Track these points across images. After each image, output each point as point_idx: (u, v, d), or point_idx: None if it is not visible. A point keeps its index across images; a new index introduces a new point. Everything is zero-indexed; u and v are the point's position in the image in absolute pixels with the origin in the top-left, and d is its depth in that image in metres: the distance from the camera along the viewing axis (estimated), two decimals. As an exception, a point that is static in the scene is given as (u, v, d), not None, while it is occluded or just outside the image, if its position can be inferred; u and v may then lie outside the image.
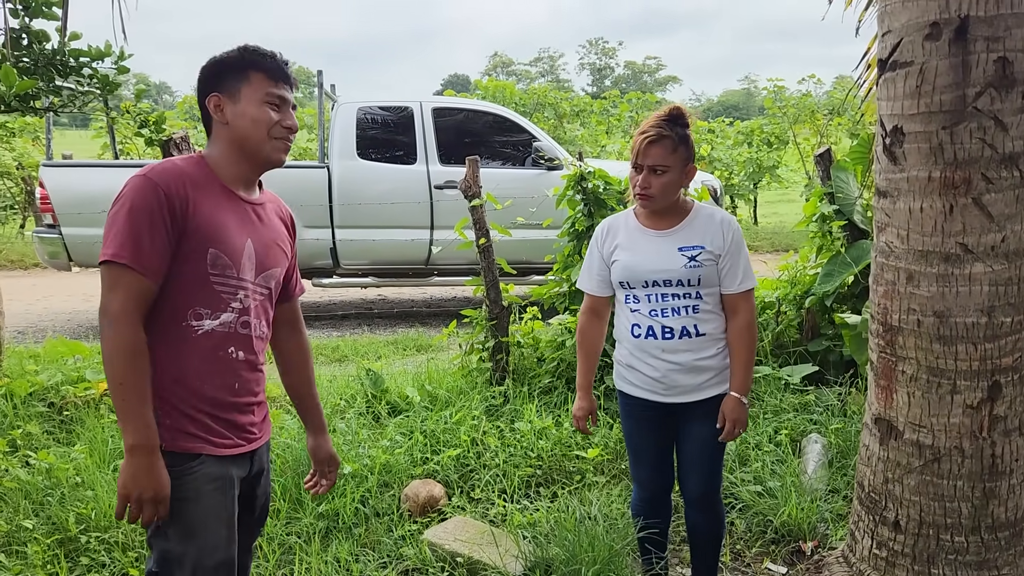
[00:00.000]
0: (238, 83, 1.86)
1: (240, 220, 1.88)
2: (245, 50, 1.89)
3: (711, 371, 2.48)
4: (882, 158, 2.03)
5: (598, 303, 2.66)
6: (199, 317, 1.81)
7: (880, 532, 2.06)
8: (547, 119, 16.05)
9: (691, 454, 2.59)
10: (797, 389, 4.54)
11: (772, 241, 13.52)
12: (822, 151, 5.11)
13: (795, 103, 14.80)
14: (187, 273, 1.78)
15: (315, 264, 7.66)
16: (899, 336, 2.01)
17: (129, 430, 1.69)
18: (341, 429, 4.09)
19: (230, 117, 1.85)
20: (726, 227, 2.45)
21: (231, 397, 1.88)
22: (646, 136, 2.36)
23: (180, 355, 1.81)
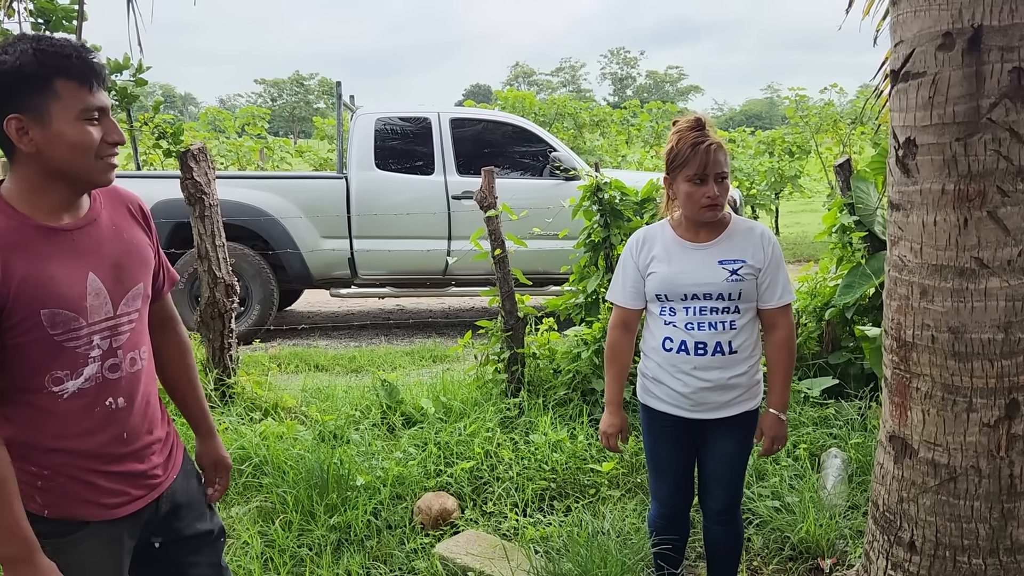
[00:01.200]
0: (44, 99, 1.49)
1: (71, 258, 1.59)
2: (43, 53, 1.49)
3: (740, 388, 2.44)
4: (895, 170, 2.00)
5: (629, 316, 2.59)
6: (59, 382, 1.58)
7: (895, 553, 2.02)
8: (567, 129, 16.05)
9: (715, 470, 2.56)
10: (816, 402, 4.48)
11: (793, 251, 13.40)
12: (842, 161, 5.06)
13: (817, 112, 14.69)
14: (27, 343, 1.53)
15: (333, 274, 7.70)
16: (913, 352, 1.97)
17: (3, 546, 1.49)
18: (355, 440, 4.09)
19: (41, 143, 1.51)
20: (766, 241, 2.42)
21: (122, 448, 1.69)
22: (708, 145, 2.32)
23: (53, 423, 1.59)
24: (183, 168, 4.58)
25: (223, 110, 21.12)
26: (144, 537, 1.79)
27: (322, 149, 18.46)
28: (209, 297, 4.69)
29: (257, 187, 7.63)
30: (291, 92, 73.26)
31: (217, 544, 1.97)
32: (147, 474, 1.74)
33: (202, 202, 4.62)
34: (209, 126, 18.72)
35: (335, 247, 7.56)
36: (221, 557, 2.00)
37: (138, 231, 1.77)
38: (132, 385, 1.70)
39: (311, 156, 17.62)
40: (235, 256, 6.95)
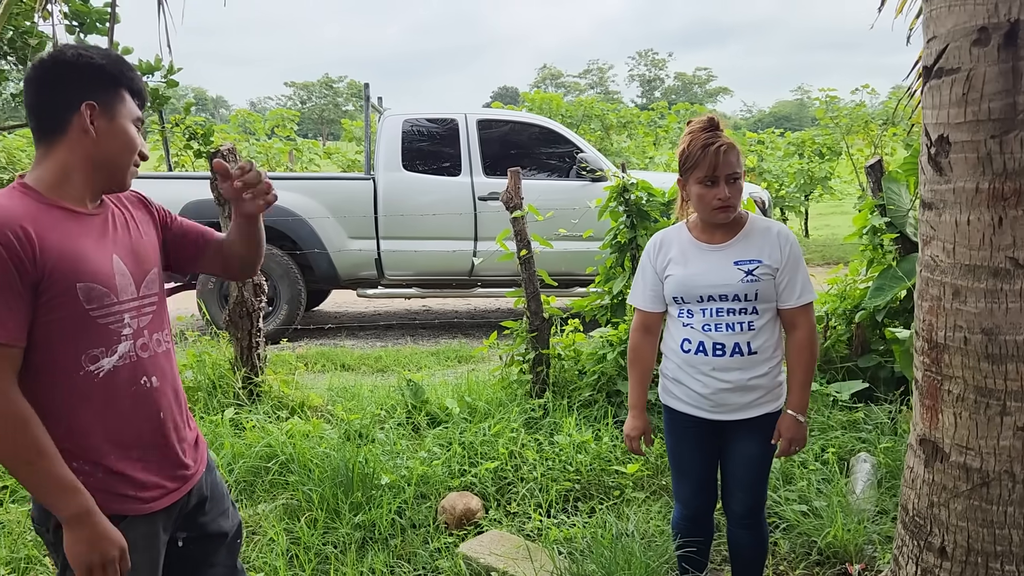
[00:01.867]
0: (114, 99, 1.66)
1: (97, 238, 1.67)
2: (121, 63, 1.69)
3: (762, 390, 2.42)
4: (927, 169, 1.96)
5: (650, 319, 2.59)
6: (95, 360, 1.63)
7: (925, 558, 1.98)
8: (594, 131, 16.01)
9: (737, 472, 2.54)
10: (845, 406, 4.42)
11: (823, 254, 13.26)
12: (873, 162, 4.99)
13: (848, 113, 14.52)
14: (63, 319, 1.58)
15: (360, 275, 7.74)
16: (945, 354, 1.93)
17: (58, 502, 1.55)
18: (380, 439, 4.10)
19: (102, 133, 1.64)
20: (783, 240, 2.39)
21: (160, 428, 1.75)
22: (718, 146, 2.30)
23: (91, 407, 1.64)
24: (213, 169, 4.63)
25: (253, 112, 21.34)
26: (172, 533, 1.82)
27: (350, 151, 18.57)
28: (237, 296, 4.73)
29: (285, 188, 7.69)
30: (320, 95, 73.85)
31: (234, 545, 2.00)
32: (181, 464, 1.79)
33: (231, 202, 4.66)
34: (240, 128, 18.91)
35: (362, 247, 7.61)
36: (237, 559, 2.02)
37: (142, 215, 1.85)
38: (162, 364, 1.77)
39: (339, 158, 17.74)
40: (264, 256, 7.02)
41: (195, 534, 1.88)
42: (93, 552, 1.57)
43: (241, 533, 2.03)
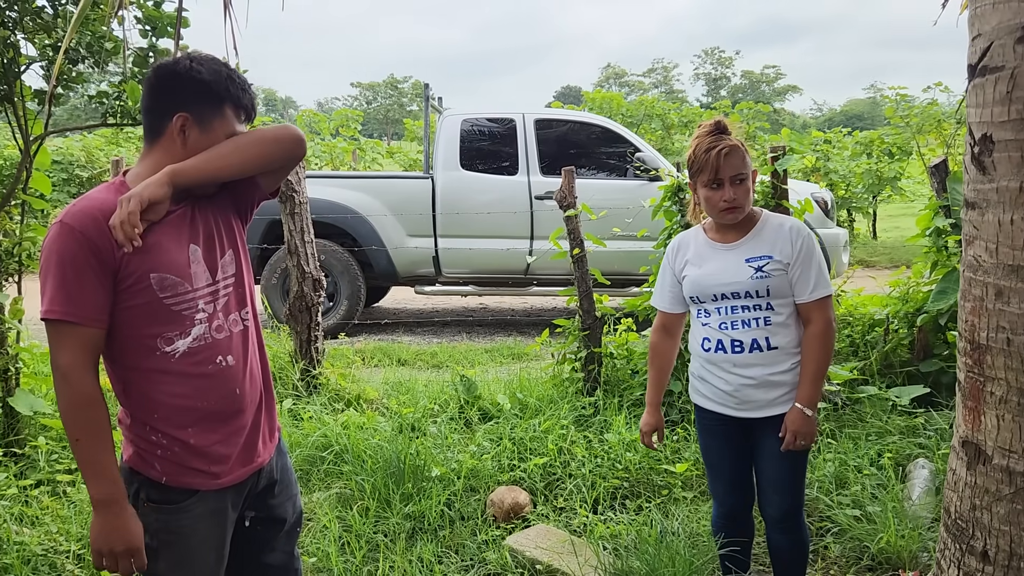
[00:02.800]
0: (211, 112, 1.75)
1: (175, 230, 1.76)
2: (230, 81, 1.76)
3: (786, 386, 2.42)
4: (970, 168, 1.93)
5: (670, 320, 2.66)
6: (170, 342, 1.73)
7: (967, 562, 1.94)
8: (654, 130, 15.90)
9: (768, 473, 2.53)
10: (904, 411, 4.32)
11: (891, 256, 12.91)
12: (937, 162, 4.87)
13: (919, 112, 14.09)
14: (140, 305, 1.69)
15: (418, 272, 7.87)
16: (987, 355, 1.90)
17: (92, 485, 1.66)
18: (432, 433, 4.18)
19: (192, 143, 1.74)
20: (795, 234, 2.40)
21: (235, 405, 1.82)
22: (719, 149, 2.34)
23: (168, 385, 1.73)
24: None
25: (319, 113, 21.80)
26: (240, 512, 1.90)
27: (412, 150, 18.84)
28: (297, 291, 4.88)
29: (347, 186, 7.88)
30: (385, 95, 74.94)
31: (294, 532, 2.08)
32: (253, 443, 1.87)
33: (292, 200, 4.81)
34: (305, 128, 19.36)
35: (420, 245, 7.74)
36: (295, 546, 2.10)
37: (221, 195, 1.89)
38: (239, 344, 1.84)
39: (401, 157, 18.01)
40: (324, 253, 7.21)
41: (262, 515, 1.96)
42: (105, 540, 1.67)
43: (301, 521, 2.10)
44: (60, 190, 13.88)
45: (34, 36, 3.62)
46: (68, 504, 3.35)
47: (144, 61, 4.01)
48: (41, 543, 2.96)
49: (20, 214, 3.83)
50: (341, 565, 3.08)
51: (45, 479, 3.59)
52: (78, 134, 15.30)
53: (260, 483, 1.92)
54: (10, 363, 3.76)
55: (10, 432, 3.79)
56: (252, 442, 1.87)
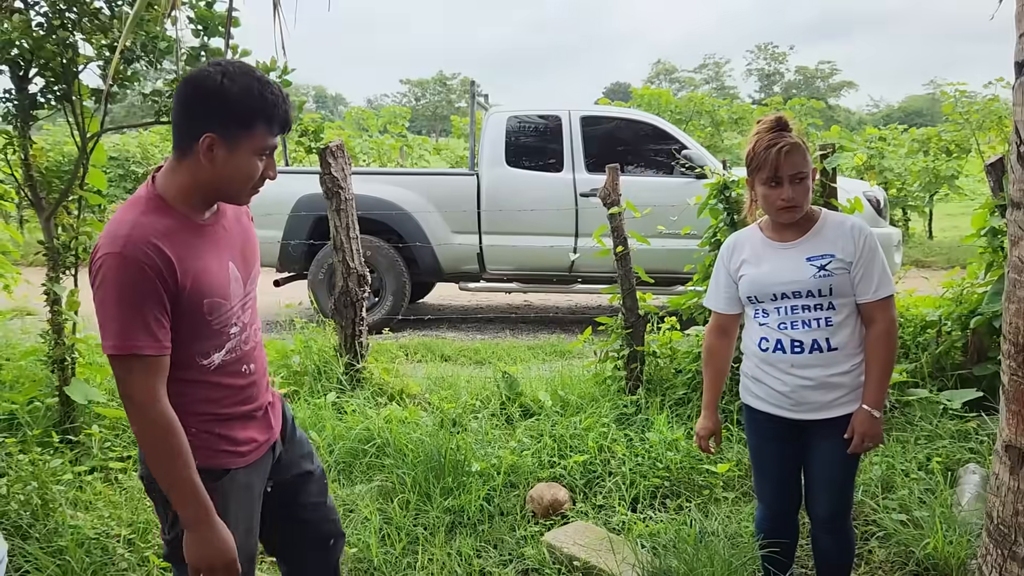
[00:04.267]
0: (239, 131, 1.72)
1: (216, 249, 1.83)
2: (262, 97, 1.72)
3: (844, 388, 2.38)
4: (1016, 167, 1.88)
5: (726, 321, 2.62)
6: (207, 355, 1.83)
7: (1010, 568, 1.89)
8: (703, 127, 15.72)
9: (819, 474, 2.50)
10: (956, 415, 4.22)
11: (947, 256, 12.57)
12: (994, 160, 4.73)
13: (980, 108, 13.67)
14: (188, 326, 1.76)
15: (463, 268, 7.91)
16: (1033, 358, 1.85)
17: (182, 506, 1.72)
18: (473, 428, 4.21)
19: (219, 164, 1.73)
20: (857, 233, 2.35)
21: (252, 404, 1.95)
22: (780, 147, 2.30)
23: (203, 390, 1.84)
24: (322, 164, 4.86)
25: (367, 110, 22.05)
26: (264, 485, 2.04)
27: (459, 147, 18.94)
28: (342, 286, 4.95)
29: (393, 183, 7.95)
30: (434, 92, 75.28)
31: (323, 483, 2.21)
32: (268, 424, 2.03)
33: (339, 196, 4.88)
34: (354, 125, 19.59)
35: (465, 242, 7.77)
36: (327, 495, 2.23)
37: (247, 221, 2.03)
38: (258, 353, 1.99)
39: (448, 154, 18.12)
40: (370, 249, 7.29)
41: (280, 477, 2.09)
42: (203, 558, 1.74)
43: (325, 474, 2.24)
44: (116, 185, 14.29)
45: (91, 37, 3.73)
46: (120, 490, 3.46)
47: (196, 60, 4.10)
48: (94, 527, 3.06)
49: (77, 209, 3.96)
50: (381, 556, 3.13)
51: (99, 466, 3.71)
52: (135, 131, 15.72)
53: (275, 455, 2.06)
54: (67, 353, 3.89)
55: (66, 420, 3.92)
56: (268, 422, 2.02)
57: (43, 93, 3.77)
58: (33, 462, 3.30)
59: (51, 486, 3.20)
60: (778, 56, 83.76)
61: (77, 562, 2.84)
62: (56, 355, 3.86)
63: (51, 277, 3.82)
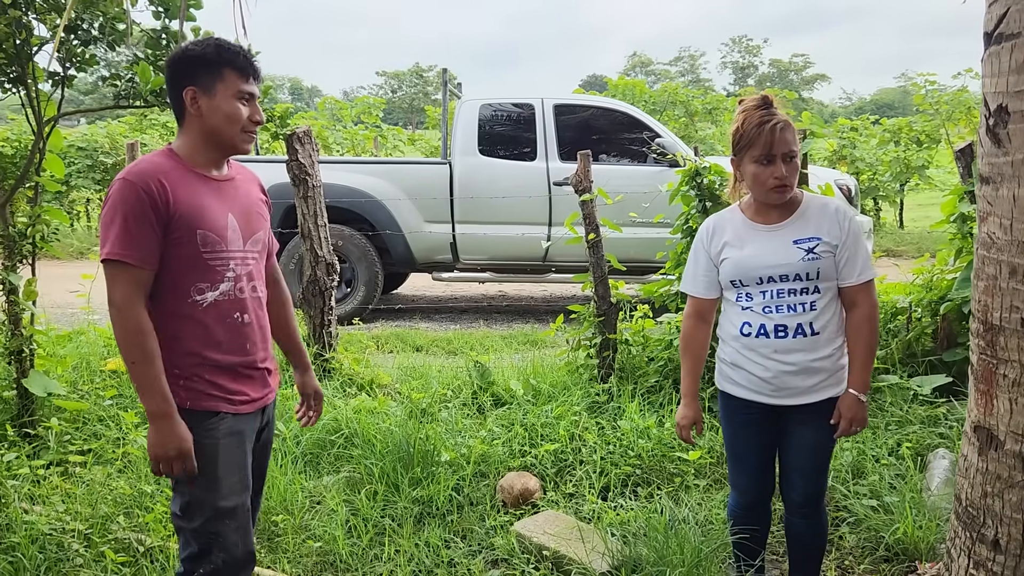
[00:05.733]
0: (212, 79, 2.00)
1: (218, 198, 2.06)
2: (220, 47, 2.02)
3: (824, 373, 2.35)
4: (985, 141, 1.85)
5: (704, 306, 2.55)
6: (201, 292, 2.01)
7: (978, 551, 1.88)
8: (678, 117, 15.73)
9: (796, 459, 2.47)
10: (926, 400, 4.23)
11: (917, 245, 12.69)
12: (963, 147, 4.74)
13: (949, 99, 13.79)
14: (183, 256, 1.97)
15: (436, 258, 7.84)
16: (1000, 336, 1.82)
17: (147, 401, 1.91)
18: (444, 418, 4.16)
19: (205, 111, 2.01)
20: (842, 216, 2.32)
21: (245, 357, 2.11)
22: (774, 123, 2.25)
23: (193, 329, 2.01)
24: (289, 150, 4.77)
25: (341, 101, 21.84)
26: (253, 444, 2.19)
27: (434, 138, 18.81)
28: (311, 275, 4.87)
29: (365, 172, 7.86)
30: (410, 83, 74.91)
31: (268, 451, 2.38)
32: (264, 384, 2.19)
33: (306, 183, 4.80)
34: (328, 115, 19.39)
35: (438, 231, 7.70)
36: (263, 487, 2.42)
37: (259, 197, 2.26)
38: (252, 307, 2.14)
39: (423, 144, 18.00)
40: (342, 238, 7.20)
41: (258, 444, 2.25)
42: (161, 446, 1.92)
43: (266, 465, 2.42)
44: (85, 176, 14.03)
45: (45, 17, 3.61)
46: (79, 484, 3.37)
47: (156, 43, 4.00)
48: (49, 522, 2.97)
49: (34, 196, 3.84)
50: (347, 548, 3.07)
51: (57, 459, 3.61)
52: (103, 120, 15.46)
53: (264, 418, 2.23)
54: (24, 344, 3.78)
55: (24, 413, 3.82)
56: (264, 382, 2.19)
57: (-5, 76, 3.66)
58: (-13, 456, 3.21)
59: (4, 481, 3.11)
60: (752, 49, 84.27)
61: (30, 559, 2.76)
62: (13, 346, 3.75)
63: (7, 266, 3.71)
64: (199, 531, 2.02)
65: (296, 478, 3.53)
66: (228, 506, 2.04)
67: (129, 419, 3.86)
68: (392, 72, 76.59)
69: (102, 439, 3.84)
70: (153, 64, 3.86)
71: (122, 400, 4.29)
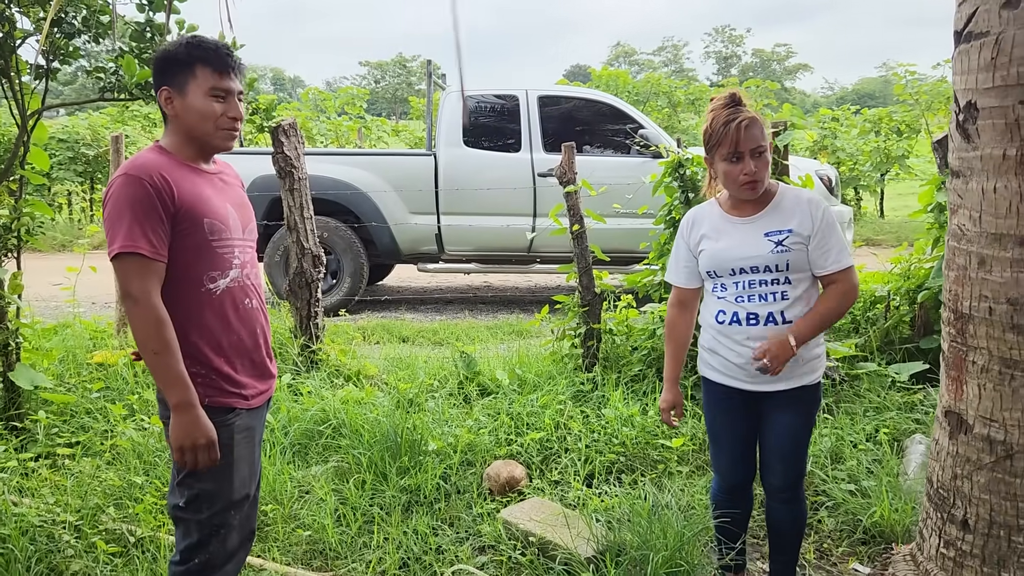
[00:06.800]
0: (185, 77, 2.02)
1: (214, 189, 2.10)
2: (191, 45, 2.03)
3: (798, 360, 2.40)
4: (955, 136, 1.91)
5: (686, 295, 2.63)
6: (213, 280, 2.04)
7: (948, 531, 1.94)
8: (661, 108, 15.78)
9: (774, 445, 2.53)
10: (903, 387, 4.32)
11: (898, 235, 12.83)
12: (940, 137, 4.81)
13: (928, 89, 13.93)
14: (191, 246, 1.99)
15: (421, 249, 7.86)
16: (970, 324, 1.89)
17: (171, 391, 1.91)
18: (430, 408, 4.20)
19: (179, 110, 2.03)
20: (814, 207, 2.37)
21: (256, 341, 2.16)
22: (739, 122, 2.30)
23: (208, 319, 2.04)
24: (274, 143, 4.78)
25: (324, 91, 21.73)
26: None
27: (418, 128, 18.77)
28: (297, 267, 4.89)
29: (350, 164, 7.86)
30: (394, 74, 74.46)
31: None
32: (268, 374, 2.24)
33: (291, 176, 4.81)
34: (311, 106, 19.29)
35: (423, 223, 7.73)
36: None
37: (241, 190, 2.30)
38: (257, 292, 2.20)
39: (407, 135, 17.95)
40: (327, 230, 7.21)
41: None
42: (187, 436, 1.92)
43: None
44: (67, 168, 13.91)
45: (28, 10, 3.61)
46: (69, 475, 3.39)
47: (141, 36, 4.00)
48: (39, 514, 2.99)
49: (18, 189, 3.84)
50: (336, 537, 3.11)
51: (45, 452, 3.63)
52: (84, 112, 15.31)
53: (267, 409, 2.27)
54: (10, 338, 3.78)
55: (11, 407, 3.82)
56: (268, 372, 2.23)
57: (-22, 69, 3.65)
58: (-25, 449, 3.22)
59: (-6, 473, 3.13)
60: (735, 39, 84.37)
61: (21, 550, 2.78)
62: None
63: (-8, 260, 3.71)
64: (204, 523, 2.06)
65: (285, 468, 3.56)
66: (237, 498, 2.11)
67: (117, 411, 3.88)
68: (375, 62, 76.11)
69: (90, 431, 3.85)
70: (138, 57, 3.86)
71: (109, 393, 4.30)
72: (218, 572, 2.11)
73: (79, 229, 13.56)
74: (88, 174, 14.42)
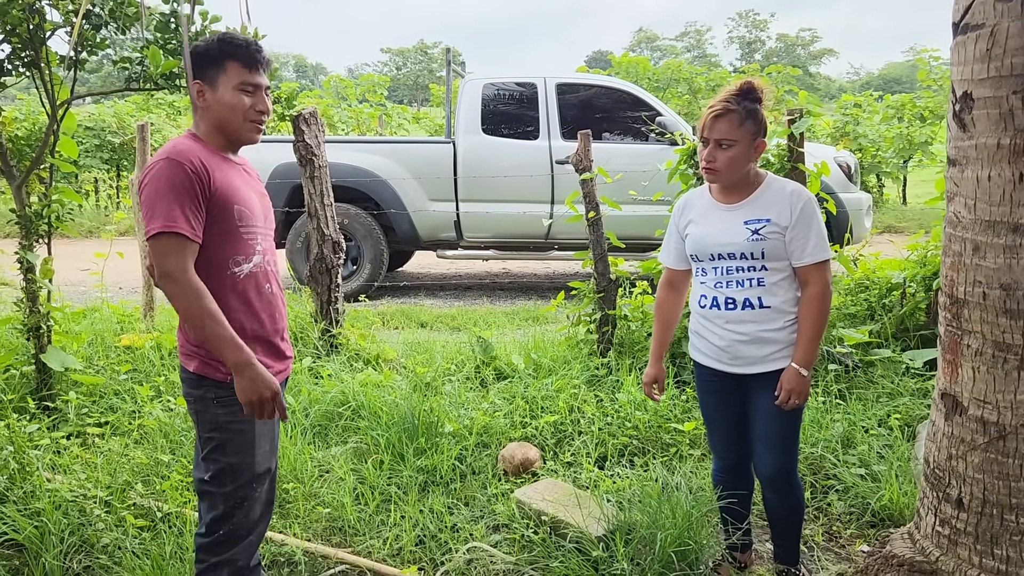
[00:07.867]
0: (216, 72, 2.12)
1: (241, 179, 2.21)
2: (222, 41, 2.13)
3: (777, 344, 2.47)
4: (952, 125, 1.95)
5: (676, 276, 2.74)
6: (237, 264, 2.14)
7: (943, 510, 2.00)
8: (681, 95, 15.72)
9: (760, 429, 2.59)
10: (917, 373, 4.34)
11: (920, 222, 12.72)
12: (957, 124, 4.81)
13: (953, 74, 13.74)
14: (221, 231, 2.09)
15: (440, 236, 7.95)
16: (964, 309, 1.93)
17: (230, 355, 1.99)
18: (447, 391, 4.29)
19: (210, 103, 2.14)
20: (795, 199, 2.43)
21: (276, 325, 2.26)
22: (712, 110, 2.40)
23: (232, 302, 2.12)
24: (295, 131, 4.87)
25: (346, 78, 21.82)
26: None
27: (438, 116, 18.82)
28: (317, 253, 4.98)
29: (370, 151, 7.95)
30: (415, 61, 74.49)
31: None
32: (285, 356, 2.32)
33: (312, 163, 4.90)
34: (333, 93, 19.40)
35: (442, 210, 7.80)
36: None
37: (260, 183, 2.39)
38: (276, 278, 2.30)
39: (427, 123, 18.01)
40: (348, 217, 7.31)
41: None
42: (253, 391, 2.00)
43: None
44: (93, 155, 14.13)
45: (58, 2, 3.71)
46: (98, 453, 3.52)
47: (166, 27, 4.09)
48: (71, 490, 3.12)
49: (48, 177, 3.96)
50: (355, 515, 3.21)
51: (76, 431, 3.76)
52: (110, 101, 15.52)
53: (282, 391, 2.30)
54: (42, 321, 3.91)
55: (43, 387, 3.96)
56: (285, 355, 2.32)
57: (10, 60, 3.76)
58: (9, 427, 3.35)
59: (27, 450, 3.25)
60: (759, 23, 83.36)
61: (54, 524, 2.90)
62: (31, 323, 3.89)
63: (24, 245, 3.84)
64: (229, 495, 2.16)
65: (305, 448, 3.66)
66: (260, 472, 2.21)
67: (144, 392, 4.01)
68: (397, 49, 76.15)
69: (118, 412, 3.98)
70: (162, 47, 3.96)
71: (136, 375, 4.43)
72: (241, 542, 2.22)
73: (106, 216, 13.79)
74: (114, 161, 14.64)
